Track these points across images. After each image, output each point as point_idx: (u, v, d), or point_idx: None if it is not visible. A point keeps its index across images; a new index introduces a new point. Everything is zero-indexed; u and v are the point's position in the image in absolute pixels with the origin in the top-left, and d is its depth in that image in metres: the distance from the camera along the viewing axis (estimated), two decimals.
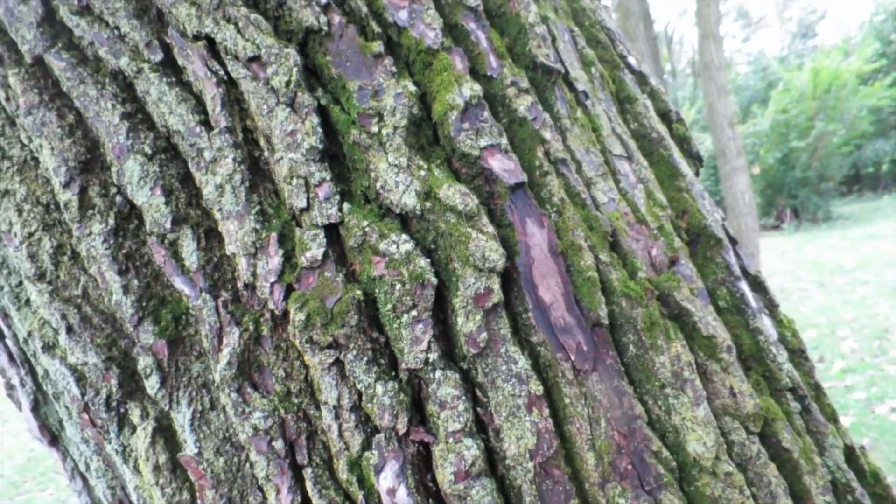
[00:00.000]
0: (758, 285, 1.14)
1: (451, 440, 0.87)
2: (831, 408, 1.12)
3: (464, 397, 0.88)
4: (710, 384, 0.99)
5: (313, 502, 0.88)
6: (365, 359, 0.88)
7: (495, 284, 0.90)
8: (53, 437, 1.08)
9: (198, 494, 0.93)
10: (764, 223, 14.73)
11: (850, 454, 1.11)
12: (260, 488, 0.92)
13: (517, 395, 0.90)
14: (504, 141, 0.95)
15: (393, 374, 0.89)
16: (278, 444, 0.89)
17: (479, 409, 0.91)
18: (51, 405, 1.09)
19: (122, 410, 0.96)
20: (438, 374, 0.88)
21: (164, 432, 0.95)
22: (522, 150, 0.98)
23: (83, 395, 0.96)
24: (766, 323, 1.08)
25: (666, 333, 0.96)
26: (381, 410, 0.87)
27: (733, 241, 1.14)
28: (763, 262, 9.22)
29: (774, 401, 1.04)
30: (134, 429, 0.96)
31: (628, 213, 1.03)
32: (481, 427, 0.91)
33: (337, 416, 0.88)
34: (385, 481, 0.86)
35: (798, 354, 1.13)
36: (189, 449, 0.92)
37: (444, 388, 0.87)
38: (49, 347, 0.98)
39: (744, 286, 1.08)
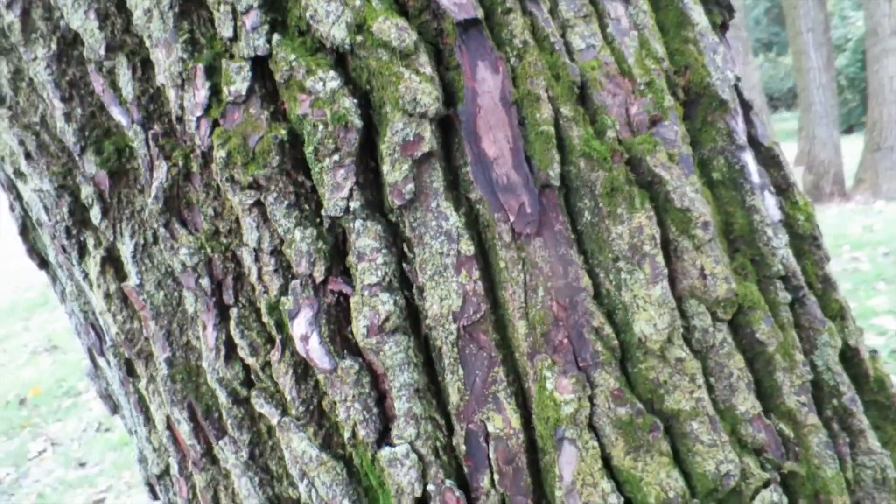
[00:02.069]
0: (770, 159, 0.99)
1: (366, 293, 0.83)
2: (839, 304, 0.99)
3: (384, 250, 0.83)
4: (679, 263, 0.88)
5: (235, 341, 0.88)
6: (286, 202, 0.84)
7: (426, 132, 0.81)
8: (42, 261, 1.14)
9: (139, 325, 0.96)
10: None
11: (853, 357, 0.98)
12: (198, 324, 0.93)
13: (445, 254, 0.83)
14: None
15: (318, 221, 0.85)
16: (205, 282, 0.89)
17: (405, 266, 0.86)
18: (38, 230, 1.14)
19: (81, 239, 0.99)
20: (359, 224, 0.83)
21: (115, 263, 0.97)
22: None
23: (49, 221, 0.99)
24: (767, 202, 0.94)
25: (629, 202, 0.85)
26: (298, 257, 0.84)
27: (746, 106, 0.98)
28: None
29: (759, 289, 0.92)
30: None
31: (610, 63, 0.89)
32: (408, 284, 0.86)
33: (257, 259, 0.86)
34: (298, 328, 0.84)
35: (808, 241, 0.99)
36: (132, 280, 0.94)
37: (364, 239, 0.83)
38: (19, 174, 1.01)
39: (747, 158, 0.94)
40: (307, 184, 0.85)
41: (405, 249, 0.85)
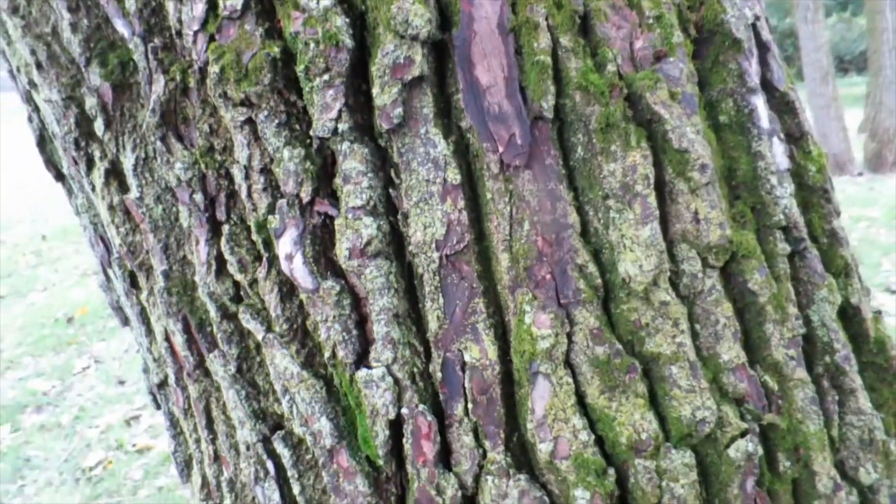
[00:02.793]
0: (785, 105, 0.94)
1: (350, 216, 0.83)
2: (845, 261, 0.95)
3: (370, 174, 0.83)
4: (673, 206, 0.86)
5: (225, 257, 0.90)
6: (277, 121, 0.84)
7: (418, 55, 0.80)
8: (59, 174, 1.17)
9: (141, 237, 0.98)
10: None
11: (854, 316, 0.95)
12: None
13: (431, 182, 0.83)
14: None
15: (307, 141, 0.85)
16: (198, 198, 0.90)
17: (391, 192, 0.86)
18: (53, 142, 1.17)
19: (89, 151, 1.01)
20: (346, 146, 0.83)
21: (118, 176, 0.99)
22: None
23: (60, 132, 1.02)
24: (775, 149, 0.90)
25: (625, 139, 0.83)
26: (285, 176, 0.84)
27: (763, 47, 0.93)
28: None
29: (757, 238, 0.89)
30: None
31: None
32: (393, 210, 0.86)
33: (247, 177, 0.87)
34: (284, 246, 0.85)
35: (818, 194, 0.95)
36: (133, 193, 0.96)
37: (351, 161, 0.83)
38: (32, 84, 1.03)
39: (757, 101, 0.90)
40: (299, 104, 0.85)
41: (392, 175, 0.85)
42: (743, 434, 0.84)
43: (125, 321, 1.23)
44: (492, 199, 0.84)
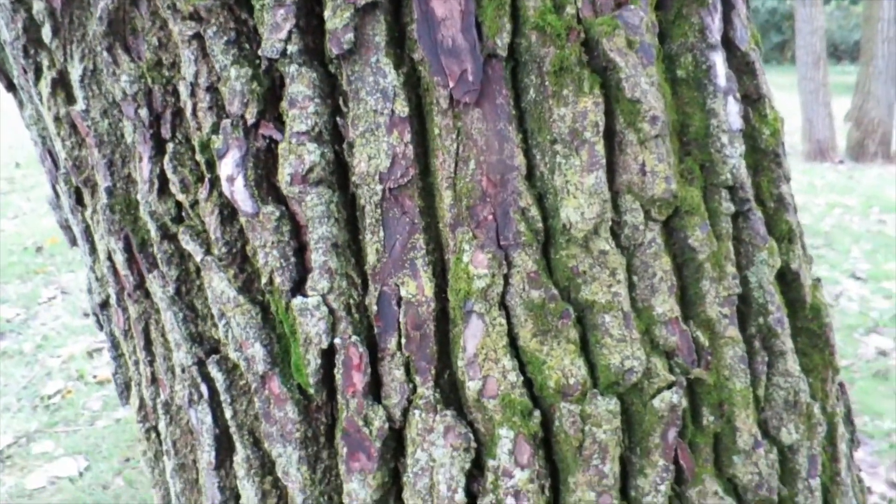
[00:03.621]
0: (745, 65, 0.94)
1: (294, 140, 0.82)
2: (790, 227, 0.96)
3: (318, 100, 0.82)
4: (621, 156, 0.85)
5: (167, 175, 0.89)
6: (225, 38, 0.82)
7: None
8: (10, 83, 1.14)
9: (87, 152, 0.96)
10: None
11: (793, 281, 0.96)
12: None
13: (379, 113, 0.82)
14: None
15: (256, 62, 0.83)
16: (143, 113, 0.88)
17: (339, 120, 0.84)
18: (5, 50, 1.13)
19: (38, 60, 0.98)
20: (294, 69, 0.81)
21: (66, 87, 0.97)
22: None
23: (9, 38, 0.99)
24: (730, 108, 0.90)
25: (578, 84, 0.82)
26: (231, 96, 0.82)
27: (728, 4, 0.92)
28: None
29: (703, 196, 0.89)
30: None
31: None
32: (340, 139, 0.85)
33: (193, 94, 0.85)
34: (226, 168, 0.84)
35: (770, 157, 0.95)
36: (79, 105, 0.94)
37: (298, 85, 0.81)
38: None
39: (716, 58, 0.89)
40: (250, 22, 0.83)
41: (340, 103, 0.84)
42: (669, 386, 0.86)
43: (73, 240, 1.22)
44: (439, 134, 0.83)
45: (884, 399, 2.61)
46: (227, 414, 0.93)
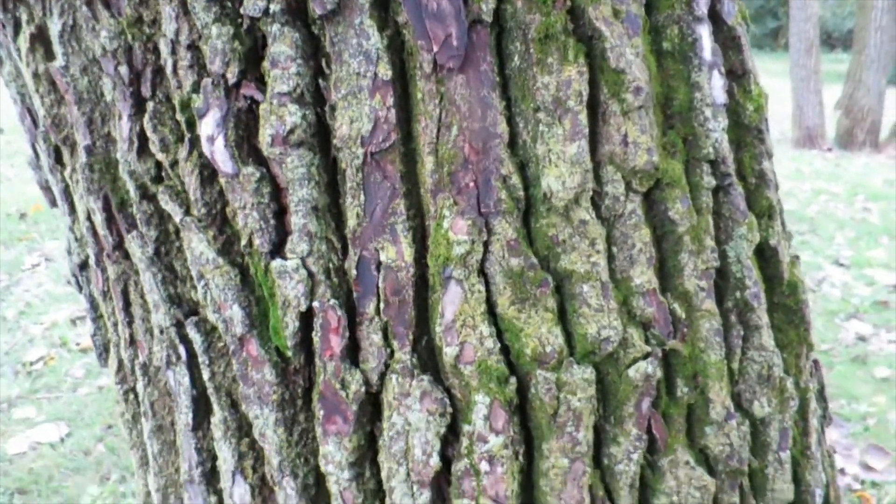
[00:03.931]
0: (731, 40, 0.93)
1: (275, 101, 0.81)
2: (770, 203, 0.96)
3: (300, 60, 0.81)
4: (604, 126, 0.85)
5: (147, 134, 0.88)
6: None
7: None
8: None
9: (66, 110, 0.95)
10: None
11: (771, 257, 0.97)
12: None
13: (362, 75, 0.81)
14: None
15: (239, 21, 0.82)
16: (123, 70, 0.87)
17: (321, 82, 0.84)
18: None
19: (17, 14, 0.96)
20: (276, 28, 0.80)
21: (45, 43, 0.95)
22: None
23: None
24: (714, 82, 0.90)
25: (562, 52, 0.82)
26: (212, 54, 0.81)
27: None
28: None
29: (685, 169, 0.89)
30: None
31: None
32: (322, 101, 0.85)
33: (174, 52, 0.84)
34: (206, 127, 0.83)
35: (753, 133, 0.95)
36: (58, 61, 0.92)
37: (280, 45, 0.80)
38: None
39: (702, 31, 0.89)
40: None
41: (323, 65, 0.83)
42: (645, 356, 0.87)
43: (53, 201, 1.20)
44: (422, 99, 0.83)
45: (861, 383, 2.65)
46: (205, 375, 0.93)
